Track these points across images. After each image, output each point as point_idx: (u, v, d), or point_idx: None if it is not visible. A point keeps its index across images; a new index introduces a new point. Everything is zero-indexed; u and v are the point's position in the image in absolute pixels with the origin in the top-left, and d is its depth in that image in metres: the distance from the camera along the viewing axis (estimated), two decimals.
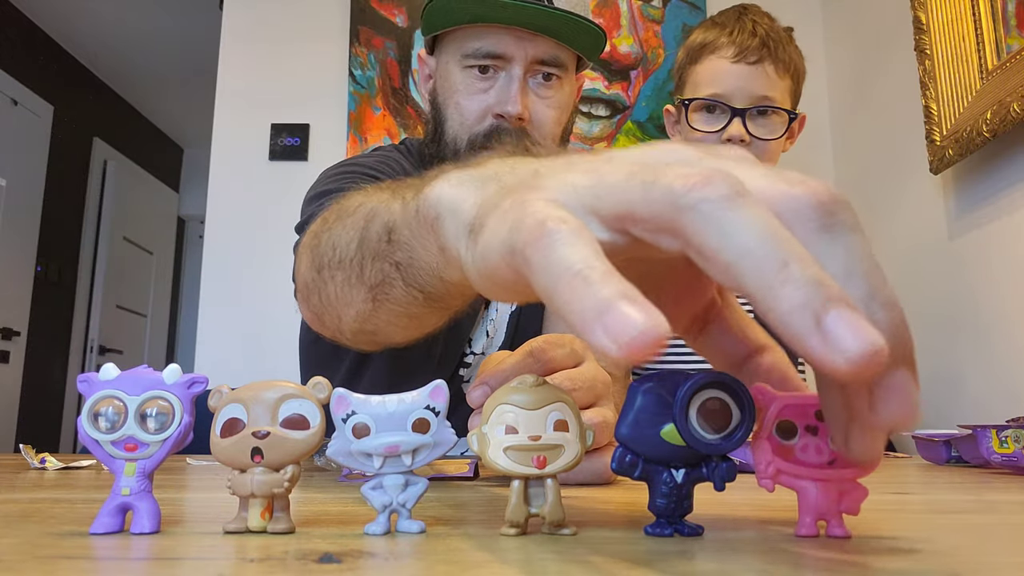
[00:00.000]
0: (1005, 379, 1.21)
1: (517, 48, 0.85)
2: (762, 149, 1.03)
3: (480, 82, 0.87)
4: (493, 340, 0.93)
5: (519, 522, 0.33)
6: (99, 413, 0.35)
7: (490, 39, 0.85)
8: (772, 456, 0.33)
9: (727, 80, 1.03)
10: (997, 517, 0.42)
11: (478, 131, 0.88)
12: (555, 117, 0.89)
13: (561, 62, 0.87)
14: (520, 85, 0.85)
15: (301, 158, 1.99)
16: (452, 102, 0.89)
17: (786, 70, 1.04)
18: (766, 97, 1.02)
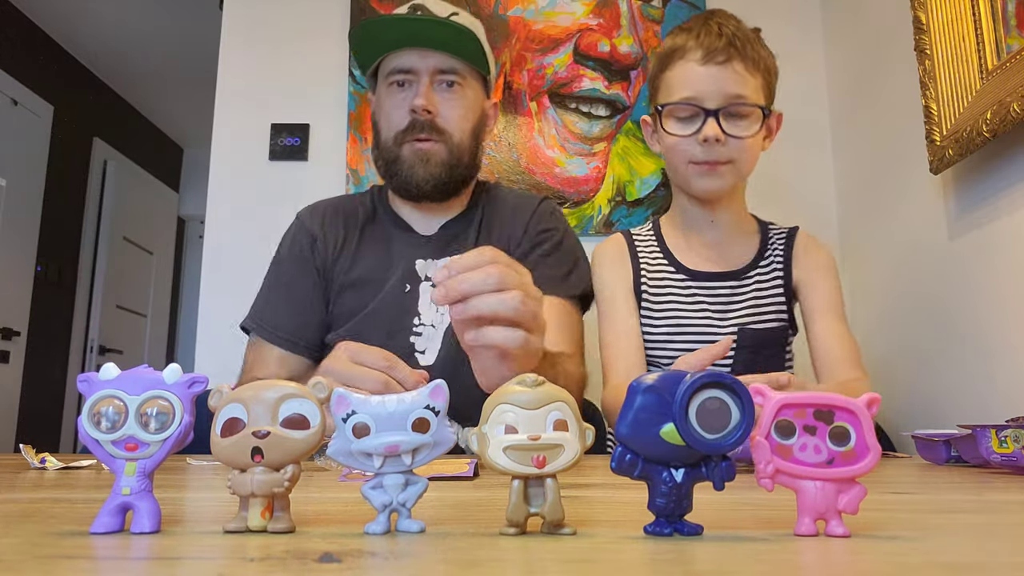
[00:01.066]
0: (1005, 379, 1.21)
1: (420, 61, 1.09)
2: (739, 148, 1.04)
3: (399, 93, 1.11)
4: (443, 316, 1.09)
5: (519, 522, 0.33)
6: (99, 413, 0.35)
7: (400, 59, 1.10)
8: (771, 455, 0.33)
9: (698, 82, 1.04)
10: (997, 517, 0.42)
11: (400, 128, 1.10)
12: (460, 114, 1.11)
13: (457, 70, 1.11)
14: (425, 88, 1.09)
15: (301, 158, 1.98)
16: (383, 114, 1.13)
17: (755, 67, 1.05)
18: (738, 95, 1.03)
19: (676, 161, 1.08)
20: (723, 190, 1.08)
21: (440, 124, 1.09)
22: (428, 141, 1.09)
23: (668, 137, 1.07)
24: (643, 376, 0.33)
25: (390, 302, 1.11)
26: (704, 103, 1.03)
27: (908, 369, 1.52)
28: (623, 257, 1.18)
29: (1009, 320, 1.21)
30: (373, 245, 1.17)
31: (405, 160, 1.10)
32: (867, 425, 0.33)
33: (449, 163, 1.10)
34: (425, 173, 1.10)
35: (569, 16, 1.97)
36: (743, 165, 1.07)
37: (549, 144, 1.93)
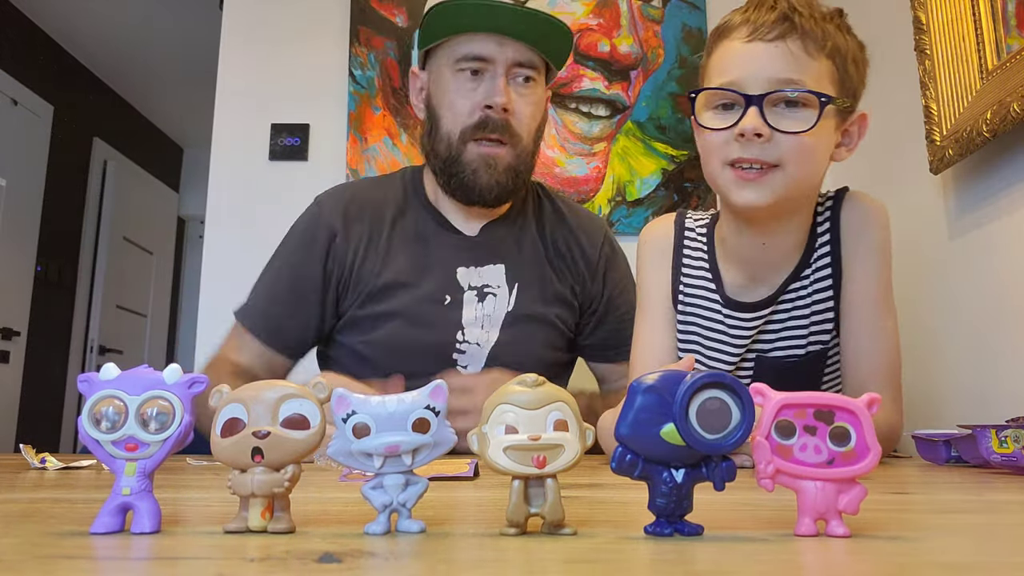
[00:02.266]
0: (1005, 379, 1.21)
1: (499, 51, 0.99)
2: (791, 148, 0.78)
3: (470, 82, 1.00)
4: (488, 334, 1.03)
5: (519, 522, 0.33)
6: (100, 413, 0.35)
7: (476, 44, 0.99)
8: (771, 456, 0.33)
9: (739, 63, 0.81)
10: (997, 517, 0.42)
11: (468, 124, 1.00)
12: (531, 113, 1.03)
13: (535, 64, 1.02)
14: (504, 82, 0.99)
15: (301, 158, 1.98)
16: (446, 102, 1.01)
17: (820, 48, 0.80)
18: (790, 80, 0.78)
19: (712, 164, 0.83)
20: (769, 204, 0.80)
21: (513, 124, 1.00)
22: (498, 143, 1.00)
23: (703, 133, 0.84)
24: (643, 376, 0.33)
25: (428, 313, 1.02)
26: (745, 88, 0.79)
27: (908, 369, 1.51)
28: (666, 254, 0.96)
29: (1009, 320, 1.20)
30: (405, 245, 1.06)
31: (468, 163, 1.00)
32: (867, 425, 0.33)
33: (515, 168, 1.02)
34: (490, 179, 1.00)
35: (569, 16, 1.97)
36: (797, 170, 0.79)
37: (549, 144, 1.93)
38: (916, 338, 1.51)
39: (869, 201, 0.90)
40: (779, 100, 0.78)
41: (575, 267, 1.12)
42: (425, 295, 1.03)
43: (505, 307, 1.04)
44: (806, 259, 0.88)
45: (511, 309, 1.04)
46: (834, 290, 0.87)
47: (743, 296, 0.90)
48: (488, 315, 1.03)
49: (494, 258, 1.07)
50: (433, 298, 1.03)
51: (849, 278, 0.87)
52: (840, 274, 0.88)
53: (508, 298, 1.05)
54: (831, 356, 0.90)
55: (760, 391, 0.34)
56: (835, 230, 0.88)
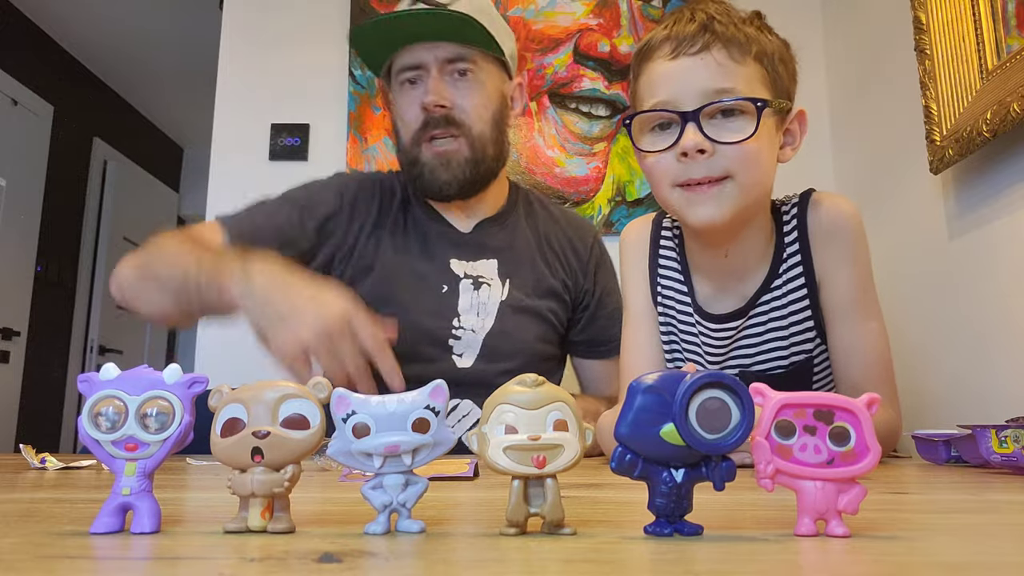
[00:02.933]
0: (1005, 379, 1.21)
1: (427, 54, 1.04)
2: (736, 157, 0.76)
3: (411, 91, 1.06)
4: (484, 321, 1.07)
5: (519, 522, 0.33)
6: (99, 413, 0.35)
7: (407, 56, 1.05)
8: (771, 456, 0.33)
9: (668, 81, 0.79)
10: (997, 517, 0.42)
11: (416, 127, 1.05)
12: (478, 103, 1.06)
13: (465, 57, 1.05)
14: (435, 82, 1.04)
15: (301, 158, 1.98)
16: (398, 114, 1.09)
17: (745, 52, 0.78)
18: (722, 90, 0.76)
19: (661, 189, 0.81)
20: (725, 218, 0.78)
21: (457, 116, 1.04)
22: (446, 138, 1.04)
23: (644, 158, 0.82)
24: (643, 376, 0.33)
25: (427, 300, 1.07)
26: (678, 105, 0.77)
27: (908, 369, 1.52)
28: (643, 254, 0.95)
29: (1009, 320, 1.21)
30: (407, 233, 1.12)
31: (425, 163, 1.05)
32: (867, 425, 0.33)
33: (472, 159, 1.05)
34: (448, 175, 1.05)
35: (569, 16, 1.97)
36: (746, 179, 0.77)
37: (549, 144, 1.93)
38: (916, 338, 1.50)
39: (836, 202, 0.87)
40: (715, 112, 0.76)
41: (567, 262, 1.16)
42: (425, 283, 1.07)
43: (499, 296, 1.08)
44: (775, 269, 0.86)
45: (505, 299, 1.08)
46: (810, 297, 0.85)
47: (713, 307, 0.89)
48: (483, 303, 1.08)
49: (486, 253, 1.11)
50: (431, 286, 1.07)
51: (825, 283, 0.85)
52: (814, 280, 0.86)
53: (502, 289, 1.09)
54: (818, 364, 0.88)
55: (760, 391, 0.34)
56: (803, 236, 0.86)
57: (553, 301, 1.12)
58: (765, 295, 0.86)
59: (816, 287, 0.86)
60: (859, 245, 0.86)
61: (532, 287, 1.10)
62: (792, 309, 0.86)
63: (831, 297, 0.85)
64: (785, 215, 0.88)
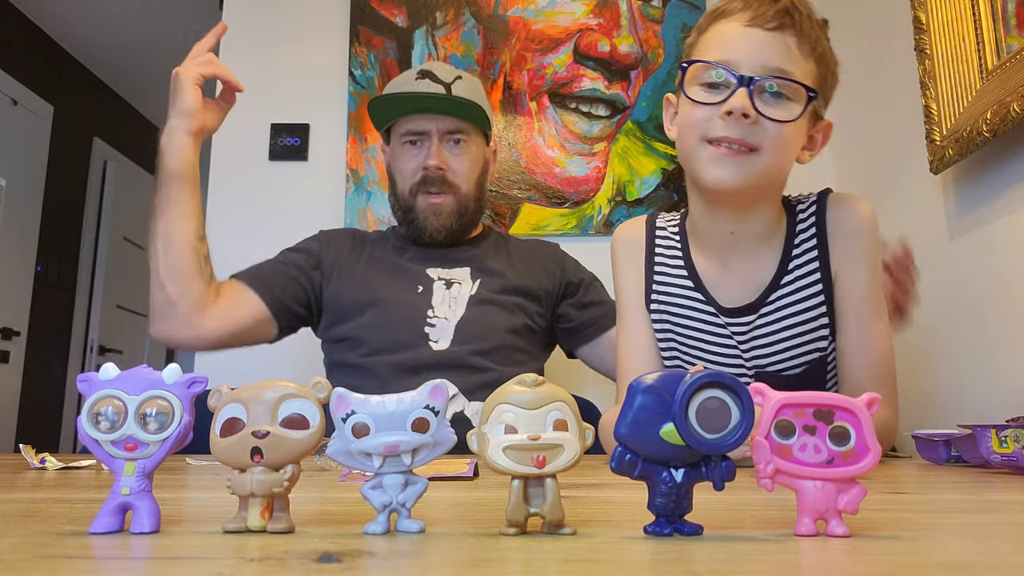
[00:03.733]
0: (1005, 379, 1.21)
1: (431, 124, 1.26)
2: (771, 134, 0.80)
3: (412, 150, 1.27)
4: (455, 311, 1.22)
5: (519, 522, 0.33)
6: (99, 413, 0.35)
7: (414, 122, 1.27)
8: (771, 455, 0.33)
9: (737, 44, 0.81)
10: (997, 517, 0.42)
11: (414, 181, 1.26)
12: (467, 167, 1.28)
13: (462, 130, 1.27)
14: (436, 148, 1.25)
15: (301, 158, 1.98)
16: (397, 168, 1.30)
17: (812, 50, 0.82)
18: (782, 70, 0.80)
19: (689, 139, 0.84)
20: (739, 185, 0.81)
21: (450, 179, 1.25)
22: (440, 195, 1.25)
23: (686, 107, 0.84)
24: (643, 376, 0.33)
25: (404, 298, 1.24)
26: (738, 69, 0.80)
27: (908, 369, 1.51)
28: (638, 252, 0.97)
29: (1009, 320, 1.21)
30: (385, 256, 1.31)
31: (420, 212, 1.26)
32: (867, 425, 0.33)
33: (458, 211, 1.27)
34: (437, 224, 1.26)
35: (569, 16, 1.97)
36: (771, 157, 0.81)
37: (549, 144, 1.93)
38: (916, 338, 1.50)
39: (858, 203, 0.90)
40: (766, 89, 0.80)
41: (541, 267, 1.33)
42: (401, 286, 1.25)
43: (469, 292, 1.25)
44: (785, 264, 0.88)
45: (474, 293, 1.25)
46: (826, 294, 0.86)
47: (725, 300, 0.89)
48: (455, 297, 1.25)
49: (460, 263, 1.30)
50: (407, 288, 1.25)
51: (841, 279, 0.87)
52: (830, 277, 0.87)
53: (472, 286, 1.26)
54: (830, 362, 0.89)
55: (759, 391, 0.34)
56: (822, 233, 0.88)
57: (521, 297, 1.28)
58: (777, 291, 0.87)
59: (831, 284, 0.87)
60: (875, 246, 0.89)
61: (500, 285, 1.27)
62: (807, 305, 0.87)
63: (847, 293, 0.87)
64: (801, 212, 0.90)
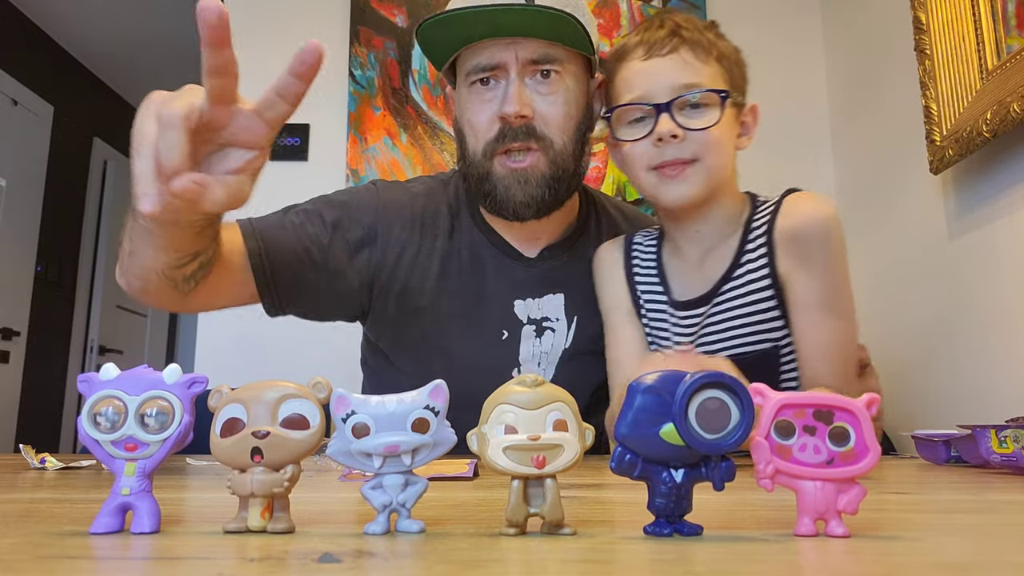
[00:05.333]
0: (1005, 379, 1.21)
1: (507, 54, 0.91)
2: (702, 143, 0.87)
3: (485, 93, 0.93)
4: (545, 372, 0.99)
5: (519, 522, 0.33)
6: (99, 413, 0.35)
7: (484, 53, 0.92)
8: (771, 456, 0.33)
9: (644, 78, 0.89)
10: (997, 517, 0.42)
11: (489, 138, 0.92)
12: (562, 112, 0.93)
13: (552, 58, 0.92)
14: (516, 87, 0.91)
15: (301, 158, 1.98)
16: (465, 120, 0.96)
17: (707, 54, 0.90)
18: (690, 84, 0.88)
19: (636, 171, 0.91)
20: (695, 197, 0.89)
21: (539, 129, 0.91)
22: (526, 151, 0.91)
23: (622, 147, 0.91)
24: (643, 376, 0.33)
25: (487, 347, 0.98)
26: (653, 99, 0.88)
27: (908, 369, 1.52)
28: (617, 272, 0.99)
29: (1009, 320, 1.21)
30: (461, 268, 1.00)
31: (499, 180, 0.93)
32: (867, 425, 0.33)
33: (552, 176, 0.93)
34: (524, 196, 0.92)
35: None
36: (712, 161, 0.88)
37: None
38: (916, 338, 1.50)
39: (805, 206, 0.90)
40: (684, 105, 0.87)
41: None
42: (482, 332, 0.98)
43: (563, 343, 0.99)
44: (737, 260, 0.92)
45: (568, 346, 0.99)
46: (775, 291, 0.90)
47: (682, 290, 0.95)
48: (545, 352, 0.99)
49: (553, 287, 1.00)
50: (490, 336, 0.98)
51: (790, 283, 0.89)
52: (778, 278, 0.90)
53: (567, 333, 1.00)
54: (786, 354, 0.91)
55: (760, 391, 0.34)
56: (770, 234, 0.90)
57: None
58: (727, 283, 0.92)
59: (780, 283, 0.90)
60: (826, 249, 0.89)
61: (599, 326, 0.99)
62: (754, 299, 0.91)
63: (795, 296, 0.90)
64: (761, 210, 0.94)
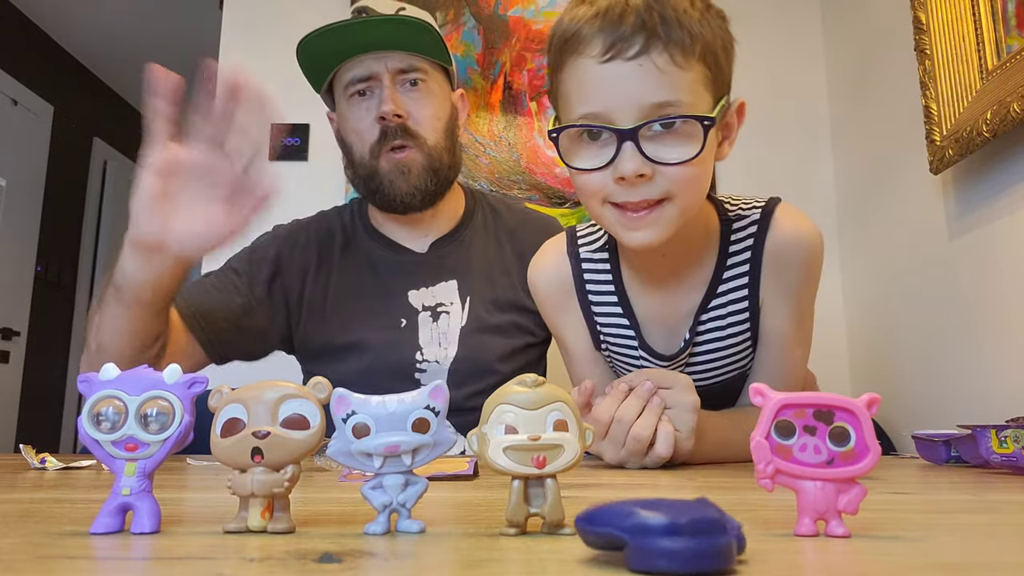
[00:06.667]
0: (1005, 379, 1.21)
1: (378, 65, 1.02)
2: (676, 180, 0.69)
3: (363, 103, 1.03)
4: (447, 351, 1.04)
5: (519, 522, 0.33)
6: (100, 413, 0.35)
7: (357, 67, 1.03)
8: (771, 456, 0.33)
9: (601, 90, 0.68)
10: (997, 517, 0.42)
11: (372, 139, 1.02)
12: (431, 113, 1.04)
13: (417, 67, 1.03)
14: (390, 91, 1.01)
15: (301, 158, 1.98)
16: (349, 129, 1.05)
17: (689, 53, 0.67)
18: (663, 104, 0.67)
19: (591, 204, 0.74)
20: (663, 239, 0.72)
21: (412, 128, 1.02)
22: (404, 149, 1.01)
23: (576, 175, 0.73)
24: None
25: (387, 339, 1.04)
26: (613, 121, 0.68)
27: (908, 369, 1.52)
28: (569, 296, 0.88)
29: (1009, 320, 1.21)
30: (357, 273, 1.09)
31: (384, 174, 1.02)
32: (867, 425, 0.33)
33: (430, 168, 1.03)
34: (407, 186, 1.02)
35: None
36: (687, 200, 0.71)
37: (549, 144, 1.92)
38: (916, 338, 1.50)
39: (799, 227, 0.80)
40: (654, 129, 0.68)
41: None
42: (382, 323, 1.05)
43: (459, 323, 1.06)
44: (712, 290, 0.82)
45: (464, 324, 1.06)
46: (751, 319, 0.82)
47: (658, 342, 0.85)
48: (444, 332, 1.06)
49: (444, 275, 1.08)
50: (390, 324, 1.05)
51: (766, 310, 0.82)
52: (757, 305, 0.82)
53: (461, 313, 1.07)
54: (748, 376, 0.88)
55: (760, 391, 0.34)
56: (756, 260, 0.80)
57: (515, 314, 1.09)
58: (705, 313, 0.82)
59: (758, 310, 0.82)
60: (810, 276, 0.82)
61: (492, 303, 1.08)
62: (734, 331, 0.83)
63: (767, 324, 0.83)
64: (739, 229, 0.81)
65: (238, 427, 0.34)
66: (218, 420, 0.35)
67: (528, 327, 1.10)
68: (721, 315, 0.82)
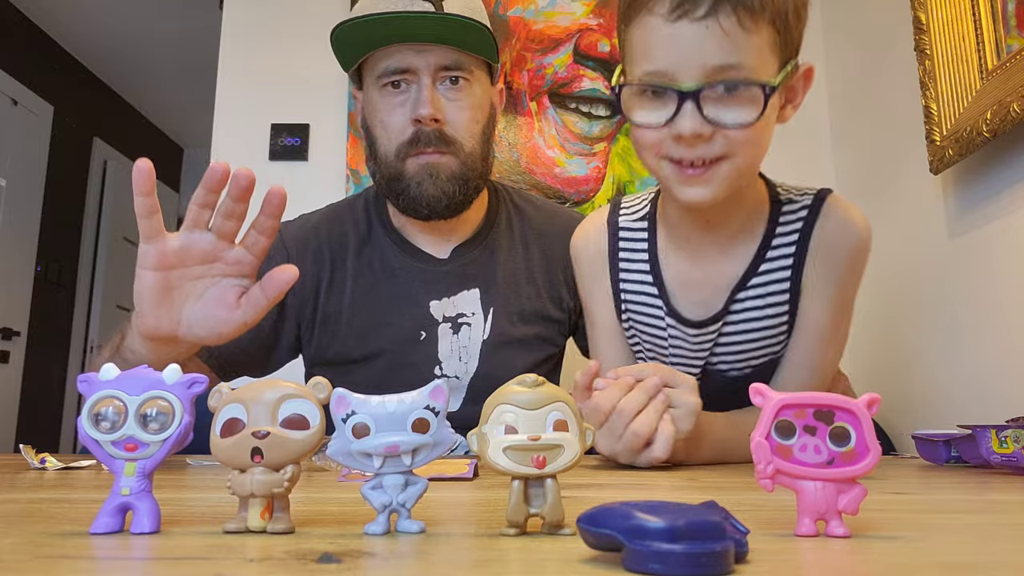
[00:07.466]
0: (1004, 379, 1.21)
1: (419, 59, 0.93)
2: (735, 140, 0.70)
3: (396, 96, 0.95)
4: (467, 365, 1.00)
5: (519, 522, 0.33)
6: (99, 413, 0.35)
7: (395, 57, 0.94)
8: (771, 456, 0.33)
9: (666, 49, 0.69)
10: (997, 517, 0.42)
11: (402, 140, 0.95)
12: (470, 117, 0.96)
13: (462, 65, 0.95)
14: (429, 91, 0.93)
15: (301, 158, 1.98)
16: (377, 121, 0.97)
17: (758, 16, 0.68)
18: (727, 66, 0.68)
19: (648, 159, 0.75)
20: (718, 198, 0.73)
21: (449, 134, 0.94)
22: (436, 154, 0.94)
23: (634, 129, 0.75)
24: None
25: (405, 351, 0.99)
26: (676, 81, 0.69)
27: (908, 369, 1.52)
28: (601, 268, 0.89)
29: (1009, 320, 1.20)
30: (374, 280, 1.02)
31: (411, 176, 0.95)
32: (867, 425, 0.33)
33: (462, 176, 0.95)
34: (436, 190, 0.94)
35: (569, 16, 1.97)
36: (745, 159, 0.72)
37: (549, 144, 1.93)
38: (916, 338, 1.50)
39: (856, 219, 0.80)
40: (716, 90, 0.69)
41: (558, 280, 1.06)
42: (400, 335, 1.00)
43: (481, 336, 1.01)
44: (755, 267, 0.81)
45: (487, 337, 1.01)
46: (791, 304, 0.81)
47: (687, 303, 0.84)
48: (464, 346, 1.00)
49: (467, 283, 1.02)
50: (408, 336, 1.00)
51: (807, 297, 0.81)
52: (799, 289, 0.81)
53: (484, 325, 1.01)
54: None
55: (760, 391, 0.34)
56: (803, 243, 0.80)
57: (540, 324, 1.04)
58: (743, 291, 0.82)
59: (799, 295, 0.81)
60: (855, 269, 0.82)
61: (517, 315, 1.02)
62: (771, 312, 0.81)
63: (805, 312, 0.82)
64: (789, 211, 0.82)
65: (238, 427, 0.34)
66: (218, 420, 0.35)
67: (552, 337, 1.06)
68: (760, 294, 0.81)
